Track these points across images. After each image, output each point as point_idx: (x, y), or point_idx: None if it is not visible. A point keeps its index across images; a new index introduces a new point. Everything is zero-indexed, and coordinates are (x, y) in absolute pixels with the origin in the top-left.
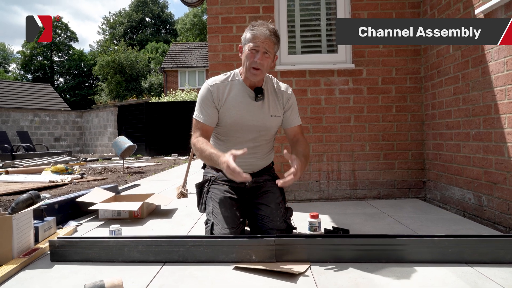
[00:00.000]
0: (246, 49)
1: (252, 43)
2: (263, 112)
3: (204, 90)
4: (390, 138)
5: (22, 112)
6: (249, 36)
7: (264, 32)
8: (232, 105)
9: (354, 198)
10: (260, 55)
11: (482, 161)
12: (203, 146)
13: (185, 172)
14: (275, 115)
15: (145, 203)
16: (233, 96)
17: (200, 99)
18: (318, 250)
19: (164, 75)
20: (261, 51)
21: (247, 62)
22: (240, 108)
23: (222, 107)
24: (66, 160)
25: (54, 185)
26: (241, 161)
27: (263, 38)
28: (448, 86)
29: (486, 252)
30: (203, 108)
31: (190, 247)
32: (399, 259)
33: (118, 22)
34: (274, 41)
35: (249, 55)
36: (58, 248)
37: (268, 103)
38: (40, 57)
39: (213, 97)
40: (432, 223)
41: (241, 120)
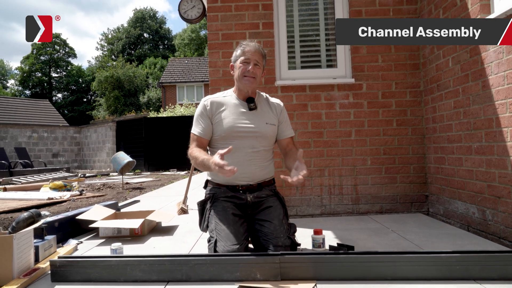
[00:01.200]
0: (238, 63)
1: (243, 56)
2: (258, 119)
3: (200, 105)
4: (391, 152)
5: (20, 128)
6: (239, 52)
7: (253, 45)
8: (226, 115)
9: (356, 213)
10: (252, 65)
11: (485, 175)
12: (197, 154)
13: (185, 188)
14: (270, 123)
15: (146, 220)
16: (227, 109)
17: (196, 115)
18: (324, 268)
19: (163, 90)
20: (252, 62)
21: (240, 74)
22: (235, 117)
23: (216, 118)
24: (65, 176)
25: (53, 202)
26: (241, 170)
27: (253, 51)
28: (449, 99)
29: (494, 269)
30: (199, 121)
31: (193, 266)
32: (406, 277)
33: (116, 38)
34: (262, 54)
35: (242, 67)
36: (59, 268)
37: (262, 112)
38: (38, 73)
39: (207, 110)
40: (437, 238)
41: (236, 125)
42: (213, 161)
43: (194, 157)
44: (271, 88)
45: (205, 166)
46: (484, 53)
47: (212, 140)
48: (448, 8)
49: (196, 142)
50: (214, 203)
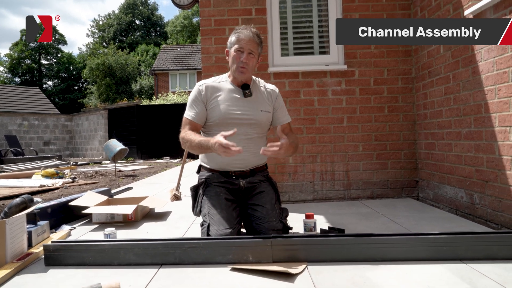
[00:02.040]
0: (232, 51)
1: (237, 44)
2: (253, 106)
3: (194, 90)
4: (383, 138)
5: (10, 116)
6: (234, 39)
7: (247, 34)
8: (221, 101)
9: (348, 198)
10: (245, 55)
11: (474, 160)
12: (191, 136)
13: (178, 175)
14: (265, 110)
15: (139, 206)
16: (222, 95)
17: (190, 99)
18: (315, 250)
19: (155, 78)
20: (246, 51)
21: (234, 63)
22: (230, 103)
23: (211, 104)
24: (56, 164)
25: (45, 189)
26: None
27: (247, 40)
28: (439, 86)
29: (480, 249)
30: (193, 106)
31: (186, 249)
32: (395, 258)
33: (107, 24)
34: (257, 42)
35: (235, 56)
36: (52, 252)
37: (257, 99)
38: (28, 60)
39: (201, 95)
40: (426, 222)
41: (231, 112)
42: (217, 141)
43: (189, 139)
44: (264, 74)
45: (202, 147)
46: None
47: (206, 126)
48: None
49: (189, 126)
50: (207, 188)
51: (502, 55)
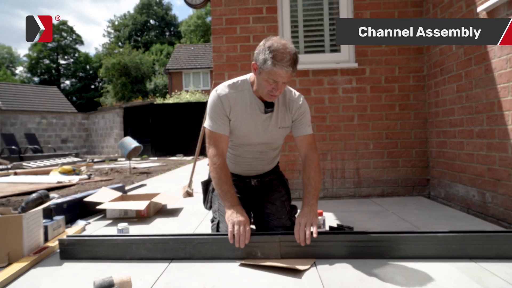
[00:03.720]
0: (263, 76)
1: (272, 77)
2: (271, 124)
3: (215, 99)
4: (394, 136)
5: (29, 115)
6: (269, 67)
7: (286, 69)
8: (242, 117)
9: (358, 196)
10: (279, 87)
11: (486, 158)
12: (221, 175)
13: (190, 172)
14: (283, 127)
15: (152, 202)
16: (242, 107)
17: (211, 109)
18: (323, 247)
19: (169, 77)
20: (280, 83)
21: (264, 89)
22: (249, 122)
23: (232, 118)
24: (73, 161)
25: (62, 185)
26: (248, 167)
27: (284, 75)
28: (451, 84)
29: (490, 248)
30: (216, 117)
31: (196, 245)
32: (403, 256)
33: (123, 24)
34: (294, 72)
35: (267, 84)
36: (67, 246)
37: (277, 115)
38: (46, 60)
39: (224, 106)
40: (436, 220)
41: (249, 136)
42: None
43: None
44: None
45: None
46: None
47: None
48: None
49: (217, 142)
50: None
51: None
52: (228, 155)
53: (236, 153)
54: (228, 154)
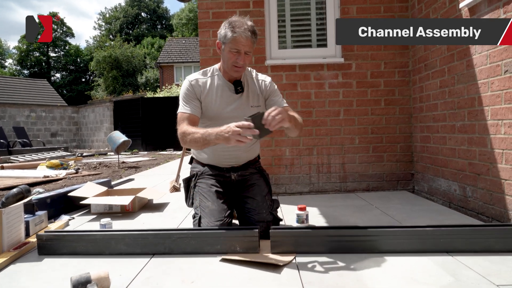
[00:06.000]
0: (226, 49)
1: (234, 45)
2: (243, 103)
3: (186, 84)
4: (379, 131)
5: (18, 108)
6: (229, 37)
7: (246, 35)
8: (213, 98)
9: (344, 190)
10: (242, 57)
11: (467, 153)
12: (193, 129)
13: (178, 167)
14: (255, 105)
15: (137, 197)
16: (213, 90)
17: (183, 94)
18: (303, 242)
19: (160, 70)
20: (242, 52)
21: (229, 62)
22: (221, 102)
23: (203, 100)
24: (62, 155)
25: (49, 180)
26: (225, 154)
27: (245, 41)
28: (435, 79)
29: (465, 242)
30: (187, 101)
31: (176, 239)
32: (382, 250)
33: (114, 17)
34: (253, 41)
35: (231, 55)
36: (45, 242)
37: (247, 94)
38: (36, 53)
39: (195, 90)
40: (418, 214)
41: (222, 112)
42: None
43: (191, 132)
44: (261, 67)
45: (208, 138)
46: None
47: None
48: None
49: (188, 121)
50: (198, 180)
51: (495, 48)
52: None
53: None
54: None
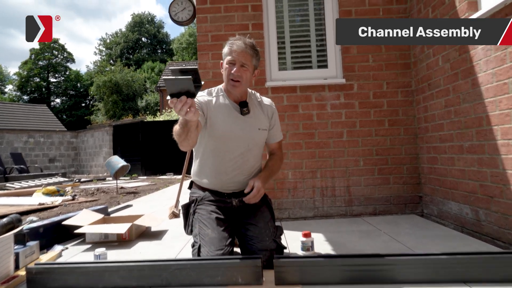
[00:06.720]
0: (224, 63)
1: (229, 56)
2: (251, 125)
3: None
4: (384, 152)
5: (16, 134)
6: (226, 51)
7: (239, 45)
8: (219, 118)
9: (349, 215)
10: (237, 68)
11: (477, 174)
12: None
13: (177, 192)
14: (262, 129)
15: (134, 225)
16: (218, 109)
17: None
18: (308, 272)
19: (160, 94)
20: (237, 64)
21: (227, 75)
22: (228, 121)
23: (210, 117)
24: (60, 181)
25: (44, 207)
26: (228, 180)
27: (239, 51)
28: (440, 98)
29: (483, 271)
30: None
31: (173, 271)
32: (394, 280)
33: (114, 42)
34: (250, 54)
35: (227, 68)
36: (35, 275)
37: (254, 117)
38: (36, 78)
39: (200, 101)
40: (429, 240)
41: (230, 132)
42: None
43: (174, 128)
44: (262, 89)
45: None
46: (473, 51)
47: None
48: (436, 7)
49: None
50: (198, 206)
51: (501, 66)
52: (207, 166)
53: (215, 162)
54: (206, 166)
